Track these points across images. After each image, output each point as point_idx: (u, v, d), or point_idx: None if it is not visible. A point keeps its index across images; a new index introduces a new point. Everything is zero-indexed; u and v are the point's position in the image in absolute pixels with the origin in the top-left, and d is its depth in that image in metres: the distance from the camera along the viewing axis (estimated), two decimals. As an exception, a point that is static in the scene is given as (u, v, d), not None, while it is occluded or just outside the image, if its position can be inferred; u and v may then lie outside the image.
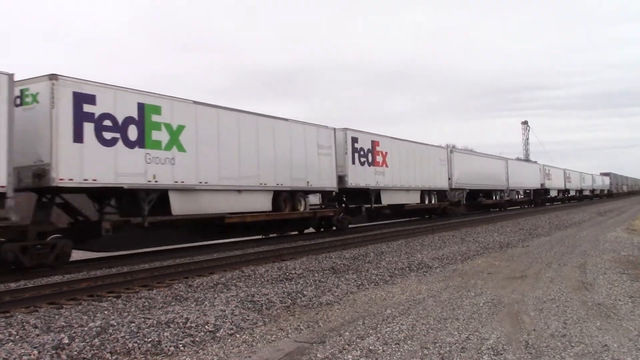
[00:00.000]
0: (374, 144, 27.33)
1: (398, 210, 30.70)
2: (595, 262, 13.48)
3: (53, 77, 13.46)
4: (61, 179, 13.39)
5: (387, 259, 14.74)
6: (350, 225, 25.57)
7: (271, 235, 23.01)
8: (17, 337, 7.30)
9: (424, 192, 32.81)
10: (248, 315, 8.26)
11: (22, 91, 13.69)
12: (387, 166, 28.16)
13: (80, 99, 14.00)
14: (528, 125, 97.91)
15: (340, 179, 24.54)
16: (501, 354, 6.21)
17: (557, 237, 21.20)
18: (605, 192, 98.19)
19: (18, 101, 13.58)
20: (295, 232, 24.22)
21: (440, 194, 35.86)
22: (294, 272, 12.69)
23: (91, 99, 14.27)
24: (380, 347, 6.56)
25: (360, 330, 7.38)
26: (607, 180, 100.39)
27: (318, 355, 6.32)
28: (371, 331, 7.33)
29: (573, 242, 18.72)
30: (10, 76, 12.57)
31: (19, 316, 8.58)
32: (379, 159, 27.53)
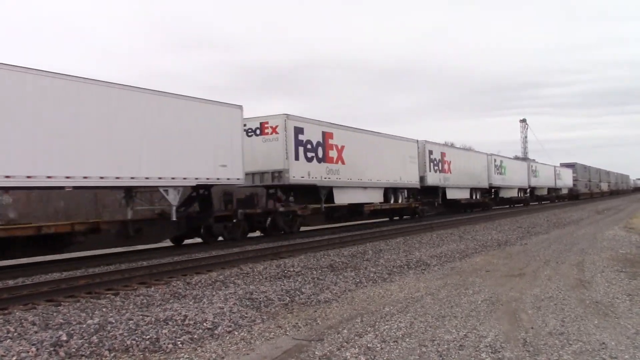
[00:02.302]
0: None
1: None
2: (593, 260, 13.50)
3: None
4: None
5: (386, 257, 14.75)
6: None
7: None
8: (15, 334, 7.30)
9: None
10: (246, 313, 8.26)
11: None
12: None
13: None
14: (526, 124, 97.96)
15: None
16: (499, 352, 6.22)
17: (555, 235, 21.23)
18: (565, 193, 70.83)
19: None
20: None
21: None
22: (292, 269, 12.70)
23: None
24: (379, 345, 6.57)
25: (358, 328, 7.39)
26: (567, 174, 71.88)
27: (316, 352, 6.33)
28: (369, 329, 7.33)
29: (571, 240, 18.75)
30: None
31: (17, 313, 8.59)
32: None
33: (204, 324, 7.53)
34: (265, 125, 21.84)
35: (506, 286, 10.34)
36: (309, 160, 22.75)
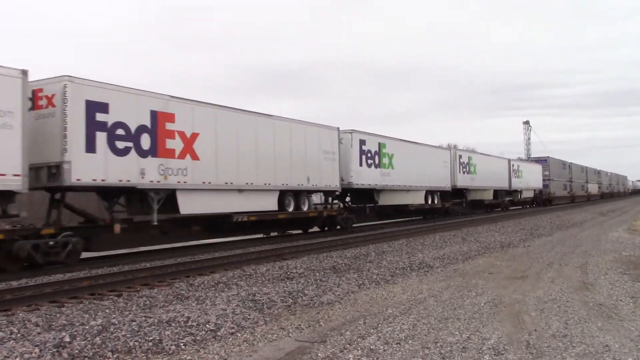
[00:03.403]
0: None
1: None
2: (596, 263, 13.46)
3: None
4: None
5: (388, 259, 14.74)
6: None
7: None
8: (18, 335, 7.31)
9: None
10: (249, 314, 8.26)
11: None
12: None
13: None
14: (529, 125, 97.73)
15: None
16: (502, 354, 6.21)
17: (558, 237, 21.19)
18: (528, 196, 53.19)
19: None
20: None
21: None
22: (295, 271, 12.70)
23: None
24: (381, 347, 6.56)
25: (361, 330, 7.38)
26: (534, 171, 55.04)
27: (319, 354, 6.32)
28: (372, 331, 7.33)
29: (574, 242, 18.71)
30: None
31: (20, 314, 8.60)
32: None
33: (207, 325, 7.53)
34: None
35: (509, 288, 10.32)
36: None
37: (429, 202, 32.85)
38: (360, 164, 25.57)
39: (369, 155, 26.30)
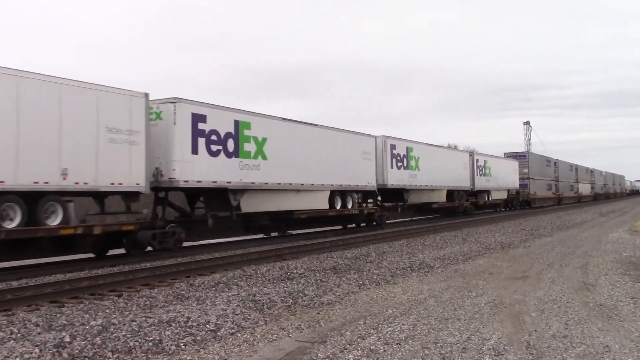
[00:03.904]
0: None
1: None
2: (597, 263, 13.46)
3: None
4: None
5: (389, 259, 14.74)
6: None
7: None
8: (18, 335, 7.31)
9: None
10: (249, 315, 8.26)
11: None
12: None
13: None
14: (530, 126, 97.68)
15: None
16: (502, 355, 6.21)
17: (558, 237, 21.18)
18: (499, 198, 44.36)
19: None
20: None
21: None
22: (295, 271, 12.70)
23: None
24: (382, 347, 6.56)
25: (361, 330, 7.38)
26: (508, 168, 46.55)
27: (319, 354, 6.32)
28: (372, 331, 7.33)
29: (575, 243, 18.70)
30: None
31: (20, 314, 8.60)
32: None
33: (207, 325, 7.54)
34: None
35: (509, 289, 10.32)
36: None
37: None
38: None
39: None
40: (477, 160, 39.81)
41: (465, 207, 38.28)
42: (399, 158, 29.43)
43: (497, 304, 8.93)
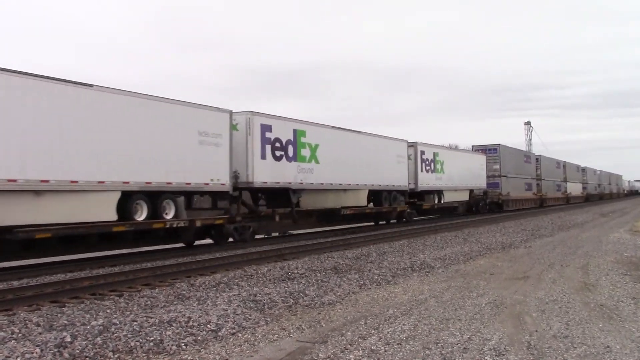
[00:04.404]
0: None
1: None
2: (597, 263, 13.45)
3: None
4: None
5: (390, 259, 14.73)
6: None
7: None
8: (19, 335, 7.31)
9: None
10: (250, 315, 8.26)
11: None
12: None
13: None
14: (531, 126, 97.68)
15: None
16: (503, 355, 6.21)
17: (559, 237, 21.17)
18: (458, 200, 36.69)
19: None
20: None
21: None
22: (296, 271, 12.70)
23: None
24: (382, 347, 6.56)
25: (362, 330, 7.38)
26: (474, 163, 39.37)
27: (320, 355, 6.32)
28: (373, 331, 7.33)
29: (576, 243, 18.70)
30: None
31: (21, 314, 8.61)
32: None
33: (208, 325, 7.54)
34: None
35: (510, 289, 10.32)
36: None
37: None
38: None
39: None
40: (423, 153, 31.93)
41: (400, 212, 30.01)
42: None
43: (498, 304, 8.93)
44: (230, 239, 19.34)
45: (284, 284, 10.99)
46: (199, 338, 7.09)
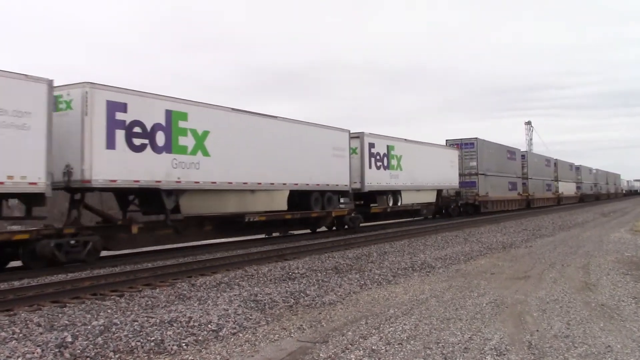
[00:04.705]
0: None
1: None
2: (598, 263, 13.45)
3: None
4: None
5: (390, 259, 14.73)
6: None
7: None
8: (20, 335, 7.32)
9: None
10: (251, 315, 8.26)
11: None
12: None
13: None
14: (531, 126, 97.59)
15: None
16: (504, 355, 6.20)
17: (560, 237, 21.16)
18: (419, 203, 31.18)
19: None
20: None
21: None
22: (297, 271, 12.70)
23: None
24: (383, 347, 6.56)
25: (363, 330, 7.38)
26: (443, 159, 34.02)
27: (321, 354, 6.32)
28: (374, 331, 7.32)
29: (576, 243, 18.69)
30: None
31: (22, 314, 8.61)
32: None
33: (209, 325, 7.54)
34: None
35: (511, 289, 10.31)
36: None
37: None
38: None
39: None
40: (372, 146, 26.69)
41: (339, 217, 24.39)
42: (135, 132, 18.35)
43: (499, 304, 8.93)
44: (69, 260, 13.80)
45: (285, 284, 10.99)
46: (200, 338, 7.09)
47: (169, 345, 6.75)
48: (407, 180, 29.39)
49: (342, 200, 24.87)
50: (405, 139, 29.89)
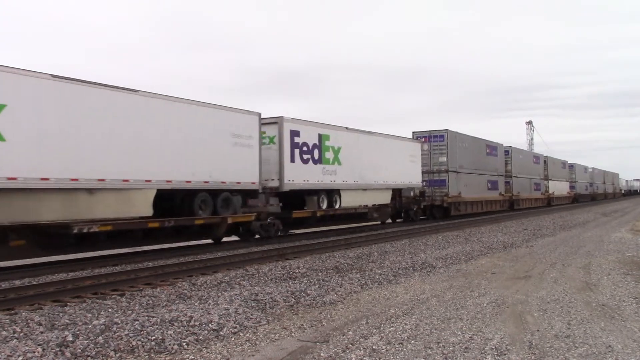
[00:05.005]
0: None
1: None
2: (599, 263, 13.44)
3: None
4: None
5: (391, 259, 14.73)
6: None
7: None
8: (21, 334, 7.33)
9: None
10: (252, 314, 8.27)
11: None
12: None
13: None
14: (532, 125, 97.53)
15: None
16: (505, 354, 6.20)
17: (561, 237, 21.15)
18: (389, 202, 27.85)
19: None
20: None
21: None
22: (297, 271, 12.70)
23: None
24: (384, 347, 6.56)
25: (363, 330, 7.38)
26: (402, 153, 28.65)
27: (321, 354, 6.32)
28: (375, 331, 7.32)
29: (577, 243, 18.67)
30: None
31: (23, 313, 8.62)
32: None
33: (210, 325, 7.54)
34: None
35: (512, 288, 10.31)
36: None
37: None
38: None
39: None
40: (297, 134, 21.27)
41: (243, 224, 19.65)
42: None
43: (500, 304, 8.92)
44: None
45: (286, 284, 10.99)
46: (201, 337, 7.09)
47: (169, 344, 6.75)
48: (349, 177, 24.20)
49: (250, 203, 19.65)
50: (347, 127, 24.50)
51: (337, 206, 23.75)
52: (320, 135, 22.70)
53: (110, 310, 8.89)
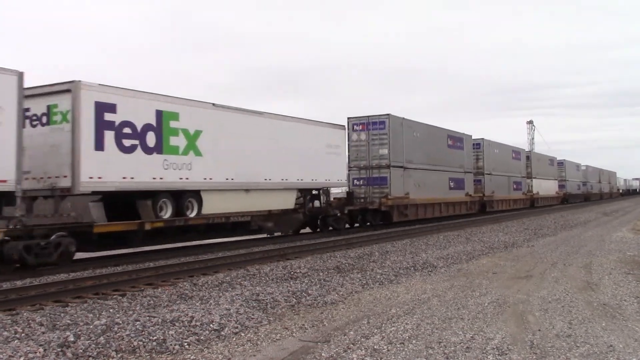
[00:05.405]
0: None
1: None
2: (600, 263, 13.43)
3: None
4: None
5: (392, 259, 14.73)
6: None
7: None
8: (22, 334, 7.33)
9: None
10: (253, 314, 8.27)
11: None
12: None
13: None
14: (533, 125, 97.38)
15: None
16: (506, 354, 6.20)
17: (562, 237, 21.14)
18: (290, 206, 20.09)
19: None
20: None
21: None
22: (298, 271, 12.70)
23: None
24: (385, 347, 6.56)
25: (365, 330, 7.38)
26: (317, 140, 22.19)
27: (323, 354, 6.32)
28: (376, 330, 7.32)
29: (578, 242, 18.67)
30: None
31: (24, 314, 8.62)
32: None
33: (211, 325, 7.54)
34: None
35: (513, 288, 10.30)
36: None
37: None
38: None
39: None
40: (112, 109, 14.73)
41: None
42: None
43: (501, 304, 8.92)
44: None
45: (287, 284, 10.99)
46: (202, 337, 7.09)
47: (171, 344, 6.76)
48: (217, 174, 17.93)
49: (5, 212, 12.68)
50: (214, 104, 18.10)
51: (192, 214, 17.25)
52: (159, 113, 15.98)
53: (111, 310, 8.90)
